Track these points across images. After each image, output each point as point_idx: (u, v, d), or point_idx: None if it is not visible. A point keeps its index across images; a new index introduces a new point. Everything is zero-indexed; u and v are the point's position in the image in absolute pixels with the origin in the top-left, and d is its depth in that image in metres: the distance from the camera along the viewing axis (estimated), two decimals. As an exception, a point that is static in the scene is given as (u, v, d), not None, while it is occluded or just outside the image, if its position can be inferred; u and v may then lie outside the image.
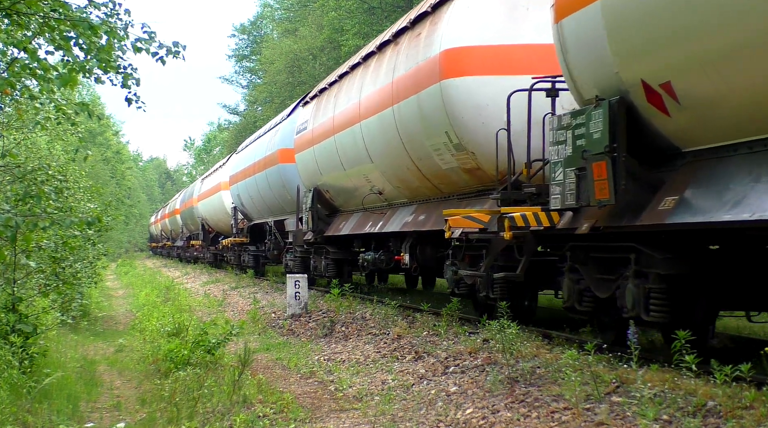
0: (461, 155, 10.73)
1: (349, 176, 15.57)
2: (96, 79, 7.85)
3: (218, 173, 35.33)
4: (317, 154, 17.15)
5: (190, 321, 12.70)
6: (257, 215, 26.74)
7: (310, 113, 18.28)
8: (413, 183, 12.86)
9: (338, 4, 34.36)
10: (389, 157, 13.22)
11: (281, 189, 21.77)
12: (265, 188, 23.70)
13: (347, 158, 15.26)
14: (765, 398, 5.52)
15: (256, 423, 7.15)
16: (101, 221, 7.96)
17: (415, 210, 13.02)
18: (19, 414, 6.96)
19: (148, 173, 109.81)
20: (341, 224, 16.75)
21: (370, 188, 14.71)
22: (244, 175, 26.74)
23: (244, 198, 27.40)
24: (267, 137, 24.40)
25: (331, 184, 17.15)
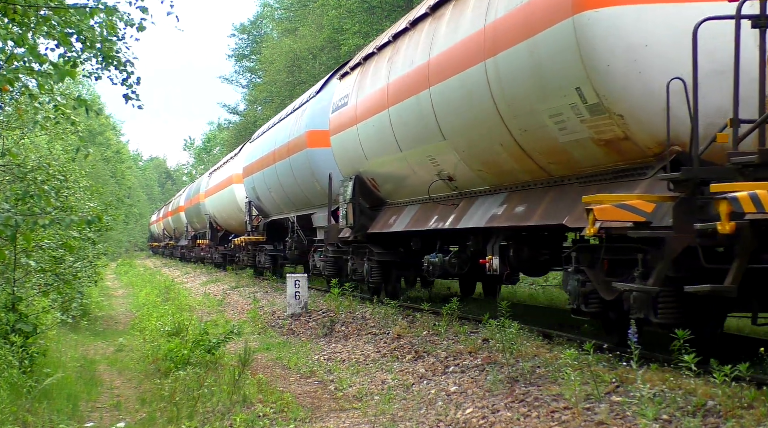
0: (599, 121, 7.66)
1: (407, 159, 12.39)
2: (97, 77, 7.86)
3: (229, 164, 31.83)
4: (362, 133, 13.94)
5: (190, 320, 12.70)
6: (276, 211, 23.87)
7: (352, 85, 14.91)
8: (505, 165, 9.74)
9: (338, 3, 34.35)
10: (472, 131, 10.09)
11: (309, 178, 18.71)
12: (288, 178, 20.55)
13: (406, 136, 12.11)
14: (765, 398, 5.52)
15: (256, 422, 7.15)
16: (101, 220, 7.96)
17: (506, 200, 9.96)
18: (19, 414, 6.96)
19: (148, 173, 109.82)
20: (391, 219, 13.68)
21: (437, 173, 11.52)
22: (262, 165, 23.65)
23: (261, 191, 24.41)
24: (291, 119, 20.99)
25: (378, 170, 14.01)
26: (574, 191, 8.47)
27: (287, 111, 22.79)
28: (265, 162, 23.17)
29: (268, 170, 22.58)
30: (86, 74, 8.30)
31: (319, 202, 18.44)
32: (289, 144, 20.09)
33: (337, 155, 15.87)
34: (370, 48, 14.69)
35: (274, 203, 23.35)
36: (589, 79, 7.48)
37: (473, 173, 10.69)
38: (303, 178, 19.17)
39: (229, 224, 32.69)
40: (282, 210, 22.92)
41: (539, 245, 10.19)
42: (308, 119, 18.52)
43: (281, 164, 20.94)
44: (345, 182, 15.27)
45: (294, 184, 20.15)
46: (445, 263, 11.94)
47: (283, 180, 21.12)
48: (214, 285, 26.79)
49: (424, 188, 12.25)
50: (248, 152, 27.17)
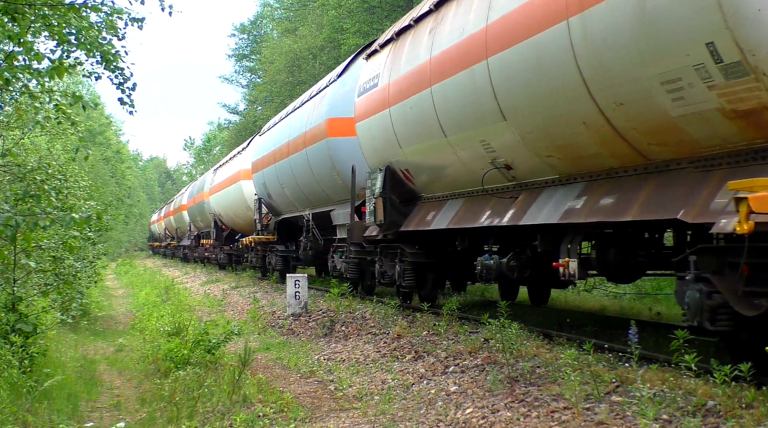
0: (736, 86, 5.97)
1: (452, 145, 10.52)
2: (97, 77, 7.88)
3: (237, 160, 29.71)
4: (396, 118, 12.07)
5: (190, 320, 12.70)
6: (288, 208, 22.12)
7: (383, 64, 12.93)
8: (586, 148, 7.97)
9: (338, 3, 34.36)
10: (544, 107, 8.20)
11: (329, 171, 16.88)
12: (303, 171, 18.78)
13: (453, 118, 10.23)
14: (765, 397, 5.52)
15: (256, 422, 7.15)
16: (101, 219, 7.96)
17: (585, 191, 8.15)
18: (19, 414, 6.96)
19: (147, 173, 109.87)
20: (429, 216, 11.86)
21: (491, 160, 9.74)
22: (274, 159, 21.81)
23: (272, 187, 22.59)
24: (308, 107, 18.93)
25: (414, 160, 12.11)
26: (689, 178, 6.81)
27: (303, 99, 20.66)
28: (277, 156, 21.36)
29: (281, 164, 20.82)
30: (86, 74, 8.30)
31: (340, 197, 16.83)
32: (305, 134, 18.23)
33: (363, 144, 13.93)
34: (404, 21, 12.64)
35: (287, 200, 21.66)
36: (728, 30, 5.77)
37: (539, 159, 8.85)
38: (322, 171, 17.38)
39: (235, 223, 31.10)
40: (295, 208, 21.28)
41: (632, 246, 8.53)
42: (329, 106, 16.67)
43: (296, 157, 19.12)
44: (373, 174, 13.41)
45: (311, 178, 18.38)
46: (502, 266, 10.17)
47: (298, 174, 19.40)
48: (214, 285, 26.79)
49: (472, 179, 10.47)
50: (258, 145, 25.37)
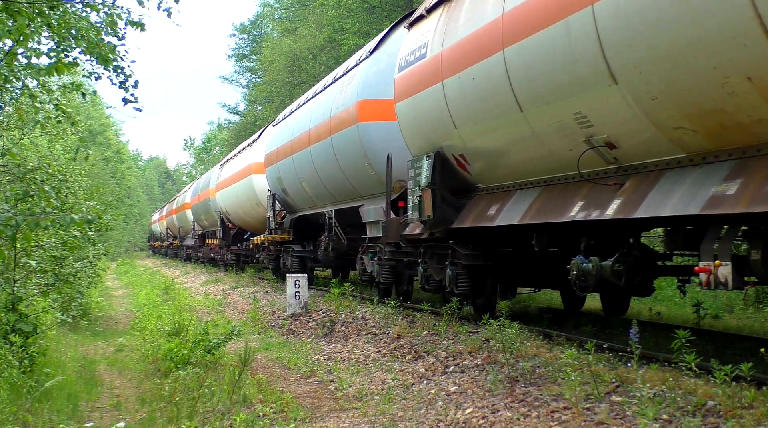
0: None
1: (531, 121, 8.39)
2: (97, 77, 7.88)
3: (248, 153, 27.35)
4: (450, 92, 9.97)
5: (190, 320, 12.71)
6: (306, 204, 20.06)
7: (433, 30, 10.75)
8: (743, 113, 6.02)
9: (338, 3, 34.36)
10: (685, 60, 6.18)
11: (358, 161, 14.76)
12: (327, 162, 16.60)
13: (536, 85, 8.06)
14: (765, 397, 5.52)
15: (256, 422, 7.15)
16: (101, 219, 7.97)
17: (737, 172, 6.19)
18: (19, 414, 6.96)
19: (148, 173, 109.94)
20: (490, 209, 9.81)
21: (586, 138, 7.69)
22: (291, 149, 19.66)
23: (289, 182, 20.48)
24: (332, 90, 16.85)
25: (474, 143, 9.98)
26: None
27: (326, 82, 18.55)
28: (295, 146, 19.27)
29: (300, 156, 18.78)
30: (86, 74, 8.31)
31: (370, 191, 15.05)
32: (330, 121, 16.16)
33: (405, 127, 11.89)
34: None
35: (305, 195, 19.63)
36: None
37: (661, 133, 6.92)
38: (350, 161, 15.31)
39: (244, 221, 29.13)
40: (314, 204, 19.33)
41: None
42: (359, 87, 14.62)
43: (319, 147, 17.04)
44: (417, 162, 11.41)
45: (335, 170, 16.30)
46: (604, 270, 8.12)
47: (320, 166, 17.32)
48: (214, 285, 26.79)
49: (553, 164, 8.51)
50: (272, 136, 23.15)
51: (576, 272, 8.26)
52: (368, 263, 14.94)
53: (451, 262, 10.97)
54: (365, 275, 15.16)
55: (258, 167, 25.11)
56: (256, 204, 25.76)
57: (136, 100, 8.03)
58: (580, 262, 8.26)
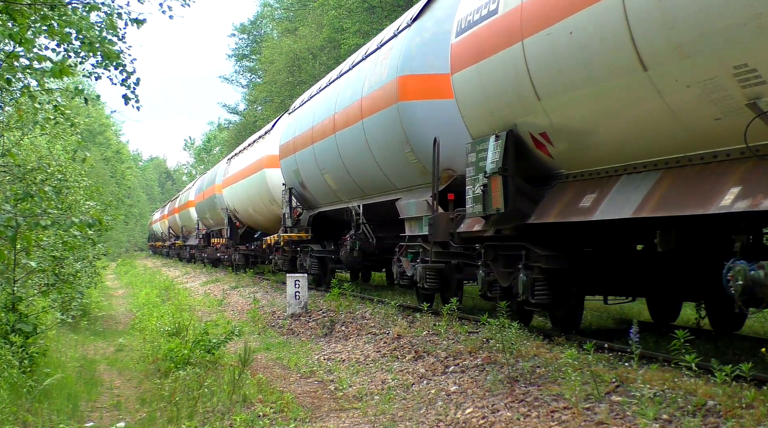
0: None
1: (658, 82, 6.55)
2: (97, 77, 7.88)
3: (260, 145, 25.01)
4: (535, 54, 8.00)
5: (190, 320, 12.71)
6: (328, 200, 18.05)
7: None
8: None
9: (338, 3, 34.36)
10: None
11: (397, 147, 12.76)
12: (356, 150, 14.69)
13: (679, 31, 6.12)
14: (765, 397, 5.52)
15: (256, 422, 7.15)
16: (102, 223, 7.97)
17: None
18: (19, 414, 6.96)
19: (147, 173, 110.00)
20: (583, 199, 7.85)
21: (751, 100, 5.82)
22: (311, 138, 17.53)
23: (308, 174, 18.43)
24: (363, 68, 14.72)
25: (563, 116, 8.03)
26: None
27: (354, 59, 16.23)
28: (317, 134, 17.17)
29: (323, 145, 16.68)
30: (86, 74, 8.31)
31: (410, 182, 13.08)
32: (361, 102, 14.05)
33: (466, 102, 9.86)
34: None
35: (327, 189, 17.59)
36: None
37: None
38: (386, 147, 13.25)
39: (254, 219, 27.14)
40: (337, 199, 17.28)
41: None
42: (400, 60, 12.44)
43: (346, 133, 15.02)
44: (480, 144, 9.42)
45: (366, 159, 14.24)
46: None
47: (348, 155, 15.30)
48: (214, 285, 26.79)
49: (684, 138, 6.69)
50: (288, 125, 20.93)
51: (743, 282, 6.03)
52: (407, 266, 12.85)
53: (525, 265, 8.96)
54: (403, 279, 13.25)
55: (272, 160, 22.88)
56: (269, 201, 23.75)
57: (137, 98, 8.03)
58: (749, 269, 6.09)
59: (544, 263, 8.74)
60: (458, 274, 12.03)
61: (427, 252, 11.98)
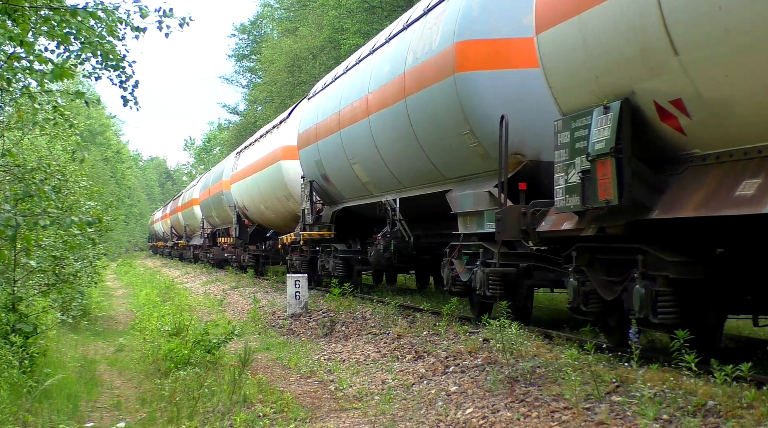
0: None
1: None
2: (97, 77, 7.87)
3: (274, 136, 22.86)
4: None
5: (190, 320, 12.71)
6: (356, 193, 16.07)
7: None
8: None
9: (338, 3, 34.36)
10: None
11: (452, 127, 10.66)
12: (398, 133, 12.51)
13: None
14: (765, 397, 5.52)
15: (256, 422, 7.15)
16: (101, 222, 7.97)
17: None
18: (19, 414, 6.96)
19: (148, 173, 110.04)
20: (740, 187, 5.78)
21: None
22: (338, 124, 15.49)
23: (333, 165, 16.39)
24: (406, 38, 12.50)
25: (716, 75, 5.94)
26: None
27: (393, 29, 13.82)
28: (344, 119, 15.19)
29: (353, 131, 14.63)
30: (86, 74, 8.30)
31: (463, 171, 11.07)
32: (404, 78, 11.88)
33: (557, 67, 7.96)
34: None
35: (355, 181, 15.54)
36: None
37: None
38: (437, 129, 11.16)
39: (266, 217, 25.05)
40: (367, 192, 15.31)
41: None
42: (458, 23, 10.27)
43: (383, 116, 12.95)
44: (577, 119, 7.57)
45: (409, 143, 12.22)
46: None
47: (383, 141, 13.27)
48: (214, 285, 26.79)
49: None
50: (308, 112, 18.82)
51: None
52: (461, 270, 10.72)
53: (643, 275, 6.99)
54: (456, 286, 11.16)
55: (288, 151, 20.69)
56: (285, 196, 21.58)
57: (136, 100, 8.03)
58: None
59: (673, 272, 6.74)
60: (528, 279, 10.01)
61: (488, 253, 9.94)
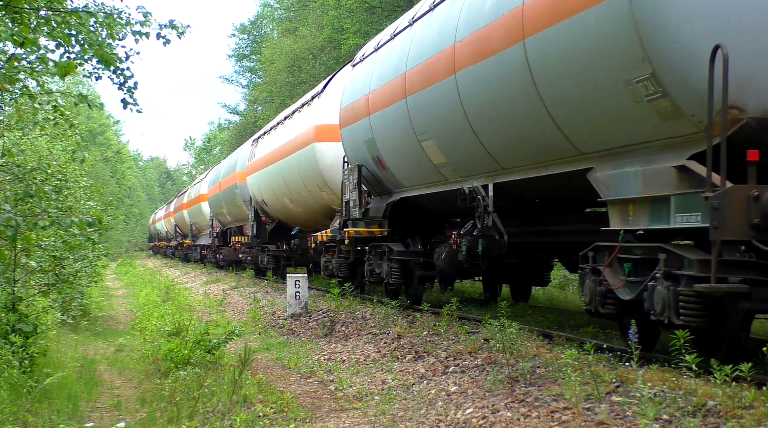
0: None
1: None
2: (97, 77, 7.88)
3: (305, 114, 19.06)
4: None
5: (191, 320, 12.70)
6: (424, 179, 12.31)
7: None
8: None
9: (338, 3, 34.36)
10: None
11: (613, 70, 6.98)
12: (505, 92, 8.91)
13: None
14: (765, 398, 5.52)
15: (256, 422, 7.16)
16: (102, 222, 7.97)
17: None
18: (19, 414, 6.96)
19: (148, 173, 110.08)
20: None
21: None
22: (402, 90, 11.77)
23: (392, 144, 12.77)
24: None
25: None
26: None
27: None
28: (412, 83, 11.37)
29: (424, 96, 10.99)
30: (86, 74, 8.31)
31: (612, 141, 7.61)
32: (523, 11, 8.22)
33: None
34: None
35: (424, 163, 11.75)
36: None
37: None
38: (579, 79, 7.55)
39: (289, 212, 21.80)
40: (442, 177, 11.56)
41: None
42: None
43: (477, 70, 9.37)
44: None
45: (523, 104, 8.60)
46: None
47: (477, 104, 9.63)
48: (214, 285, 26.79)
49: None
50: (353, 80, 14.91)
51: None
52: (619, 283, 7.46)
53: None
54: (606, 305, 7.73)
55: (325, 131, 17.29)
56: (318, 186, 18.00)
57: (136, 102, 8.03)
58: None
59: None
60: (747, 302, 6.60)
61: (675, 260, 6.70)
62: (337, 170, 16.22)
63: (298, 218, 21.55)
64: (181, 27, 7.72)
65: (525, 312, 12.36)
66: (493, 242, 10.33)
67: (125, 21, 7.52)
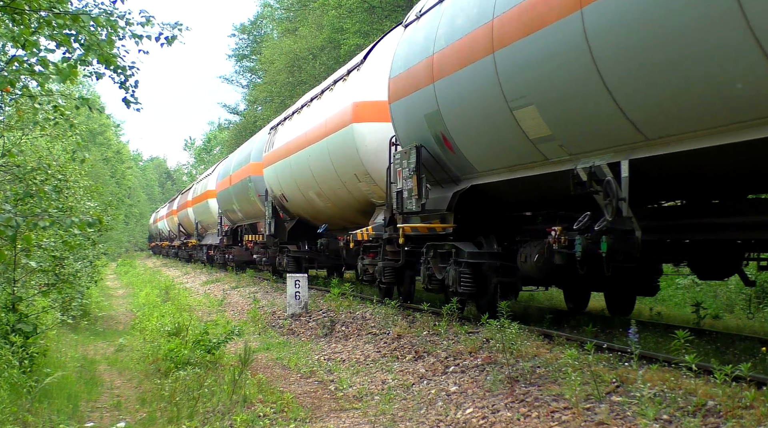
0: None
1: None
2: (98, 76, 7.88)
3: (339, 91, 16.34)
4: None
5: (190, 320, 12.70)
6: (508, 160, 9.42)
7: None
8: None
9: (338, 3, 34.36)
10: None
11: None
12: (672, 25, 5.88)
13: None
14: (765, 397, 5.52)
15: (256, 422, 7.16)
16: (102, 222, 7.98)
17: None
18: (19, 414, 6.96)
19: (148, 173, 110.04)
20: None
21: None
22: (491, 42, 8.63)
23: (465, 116, 9.87)
24: None
25: None
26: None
27: None
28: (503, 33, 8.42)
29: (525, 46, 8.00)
30: (87, 74, 8.31)
31: None
32: None
33: None
34: None
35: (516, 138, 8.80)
36: None
37: None
38: None
39: (315, 208, 19.05)
40: (539, 156, 8.62)
41: None
42: None
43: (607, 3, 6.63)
44: None
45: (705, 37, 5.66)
46: None
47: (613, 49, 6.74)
48: (214, 285, 26.78)
49: None
50: (410, 42, 11.67)
51: None
52: None
53: None
54: None
55: (365, 109, 14.63)
56: (357, 175, 15.17)
57: (137, 100, 8.03)
58: None
59: None
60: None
61: None
62: (380, 155, 13.69)
63: (324, 215, 18.75)
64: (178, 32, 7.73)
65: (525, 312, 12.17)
66: (620, 241, 7.78)
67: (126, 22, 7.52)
